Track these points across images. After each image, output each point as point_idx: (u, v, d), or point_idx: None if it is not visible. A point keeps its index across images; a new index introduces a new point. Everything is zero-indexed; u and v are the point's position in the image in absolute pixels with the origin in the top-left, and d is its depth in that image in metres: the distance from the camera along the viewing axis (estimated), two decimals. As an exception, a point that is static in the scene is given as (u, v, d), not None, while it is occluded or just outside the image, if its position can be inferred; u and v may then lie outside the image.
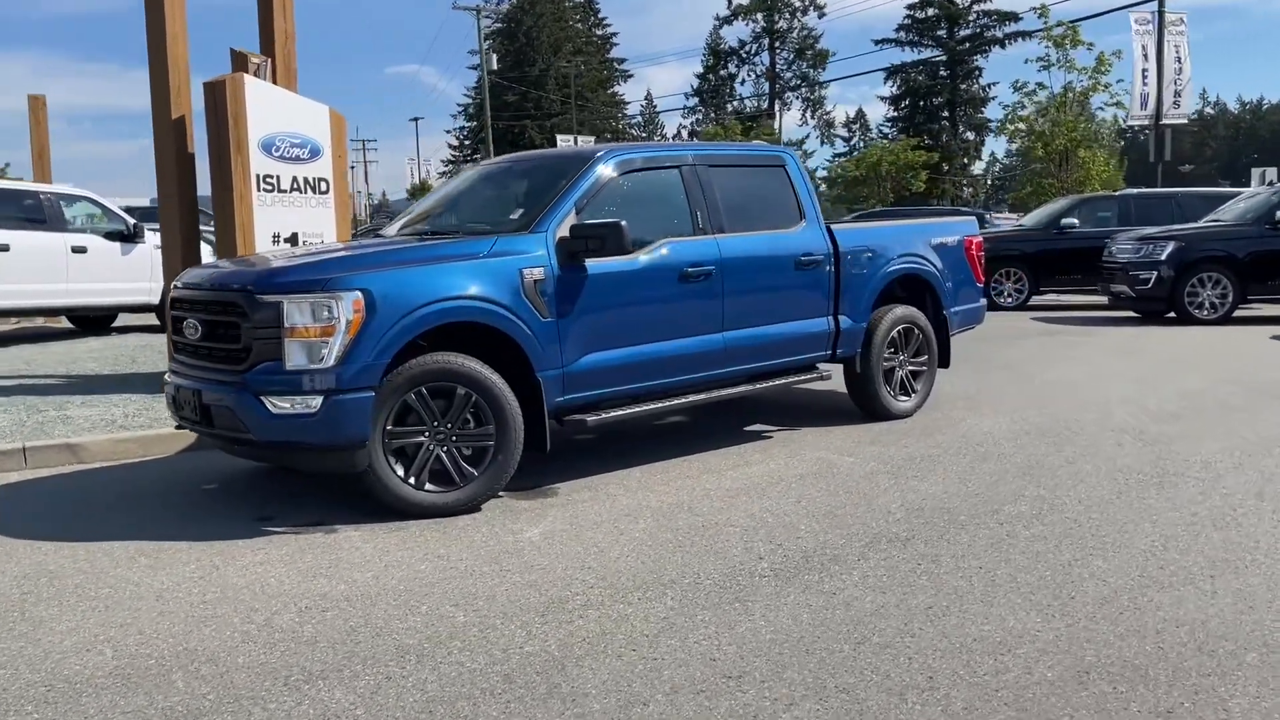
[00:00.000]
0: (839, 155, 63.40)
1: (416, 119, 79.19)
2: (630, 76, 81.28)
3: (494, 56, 53.38)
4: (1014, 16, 59.36)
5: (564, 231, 5.61)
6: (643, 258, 5.95)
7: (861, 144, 66.17)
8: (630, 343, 5.89)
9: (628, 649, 3.52)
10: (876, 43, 65.76)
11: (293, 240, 8.77)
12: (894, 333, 7.36)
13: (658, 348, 6.01)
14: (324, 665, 3.45)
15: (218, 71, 8.54)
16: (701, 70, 70.34)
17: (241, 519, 5.22)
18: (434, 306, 5.12)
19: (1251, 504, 5.09)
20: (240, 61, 9.02)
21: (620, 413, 5.95)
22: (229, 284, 5.24)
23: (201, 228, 9.51)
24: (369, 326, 4.95)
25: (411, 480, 5.15)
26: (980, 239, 8.16)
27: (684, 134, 70.55)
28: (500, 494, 5.57)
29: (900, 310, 7.42)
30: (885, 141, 51.37)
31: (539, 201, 5.87)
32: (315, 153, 9.07)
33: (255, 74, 8.98)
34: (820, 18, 67.18)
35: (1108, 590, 3.97)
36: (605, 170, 5.98)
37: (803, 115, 69.02)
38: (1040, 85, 25.50)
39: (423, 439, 5.17)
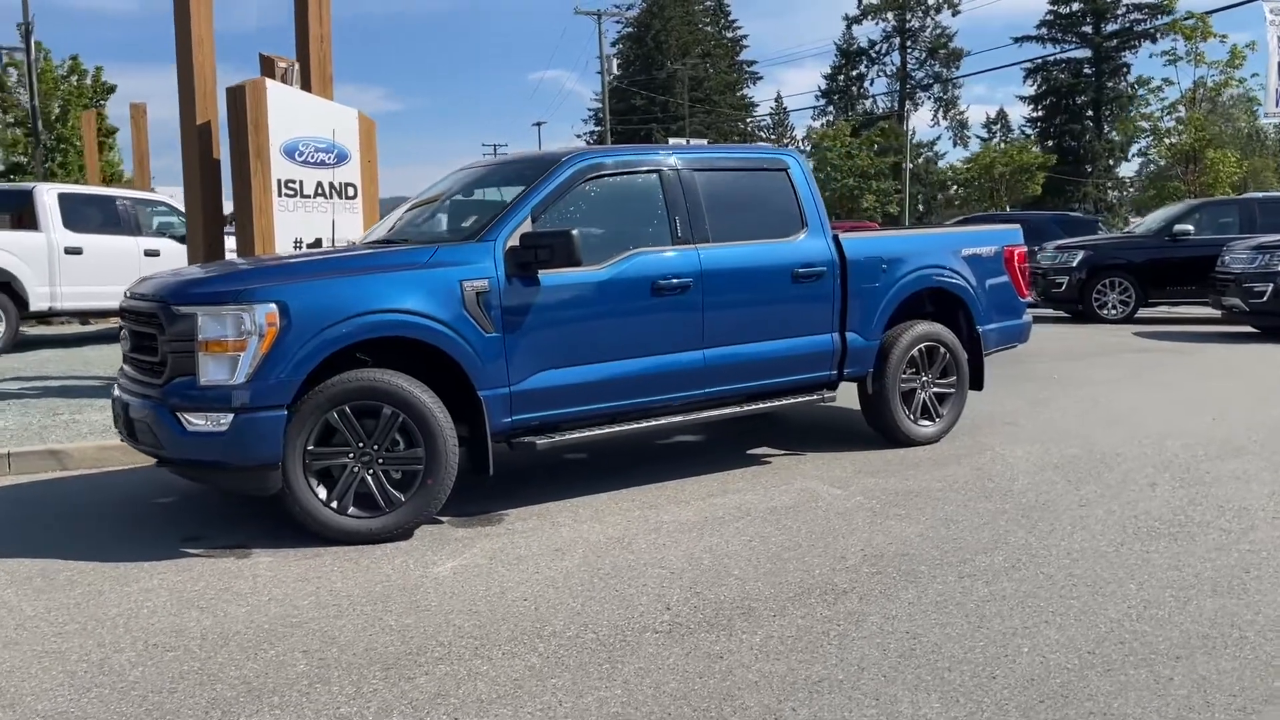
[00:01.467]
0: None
1: (539, 123, 79.65)
2: (760, 79, 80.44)
3: (613, 61, 53.35)
4: (1166, 9, 56.26)
5: (515, 241, 5.24)
6: (606, 269, 5.53)
7: (1002, 146, 63.83)
8: (592, 360, 5.48)
9: (447, 716, 3.12)
10: (1016, 40, 63.30)
11: (315, 245, 8.67)
12: (914, 351, 6.74)
13: (624, 366, 5.57)
14: (120, 718, 3.16)
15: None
16: (829, 71, 68.97)
17: (169, 538, 5.02)
18: (357, 320, 4.82)
19: (1273, 565, 4.34)
20: (268, 66, 8.97)
21: (577, 435, 5.53)
22: (151, 295, 5.05)
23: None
24: (283, 340, 4.68)
25: (334, 504, 4.85)
26: (1024, 249, 7.43)
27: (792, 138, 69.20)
28: (442, 519, 5.26)
29: (922, 327, 6.79)
30: (1003, 144, 49.25)
31: (496, 208, 5.51)
32: (342, 157, 8.95)
33: (282, 79, 8.91)
34: (954, 15, 64.97)
35: (1040, 670, 3.37)
36: (570, 176, 5.57)
37: (934, 116, 66.87)
38: (1167, 81, 23.84)
39: (347, 461, 4.88)
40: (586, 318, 5.46)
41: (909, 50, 66.66)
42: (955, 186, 46.45)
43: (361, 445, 4.88)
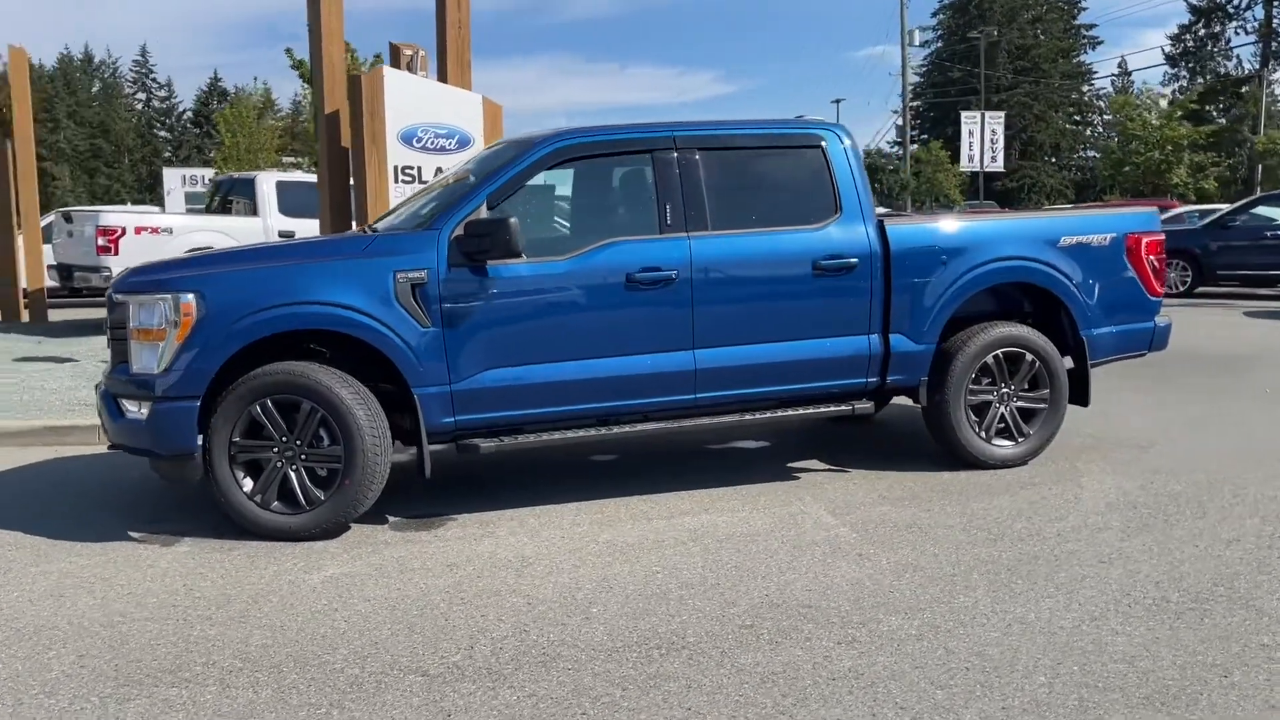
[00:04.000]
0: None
1: (838, 100, 77.20)
2: (1099, 43, 73.72)
3: (916, 33, 50.76)
4: None
5: (461, 230, 4.91)
6: (570, 259, 5.08)
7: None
8: (552, 359, 5.05)
9: (97, 749, 2.91)
10: None
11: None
12: (989, 358, 5.72)
13: (593, 366, 5.10)
14: None
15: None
16: (1176, 31, 62.10)
17: (126, 522, 5.08)
18: (274, 311, 4.69)
19: None
20: (395, 54, 9.14)
21: (533, 440, 5.12)
22: (112, 284, 5.17)
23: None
24: (199, 330, 4.64)
25: (258, 498, 4.77)
26: (1157, 238, 6.11)
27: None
28: (390, 518, 5.06)
29: (1001, 330, 5.75)
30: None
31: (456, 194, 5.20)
32: (464, 143, 8.95)
33: (407, 66, 9.04)
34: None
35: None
36: (538, 159, 5.15)
37: (1305, 77, 58.37)
38: None
39: (270, 455, 4.78)
40: (545, 312, 5.04)
41: (1275, 3, 58.62)
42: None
43: (285, 440, 4.77)
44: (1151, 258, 6.06)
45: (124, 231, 12.00)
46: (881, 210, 7.50)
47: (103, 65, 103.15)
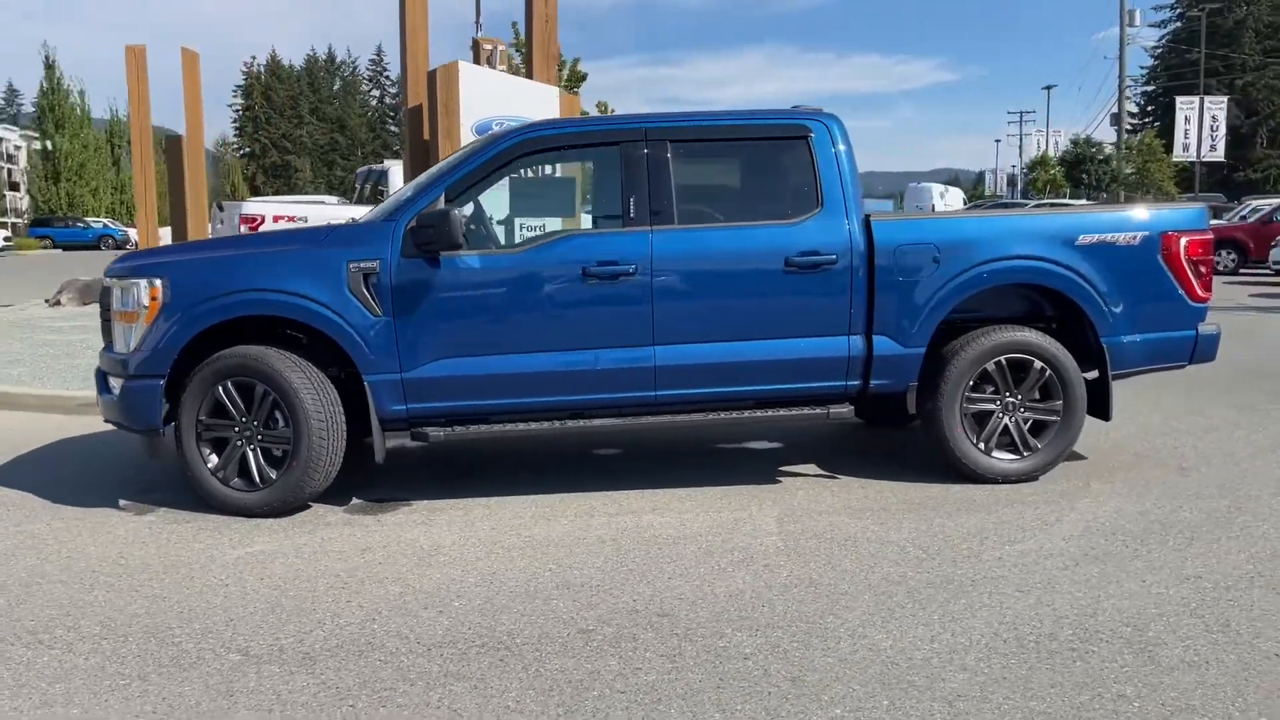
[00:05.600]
0: None
1: (1049, 87, 73.00)
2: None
3: (1137, 13, 47.28)
4: None
5: (414, 222, 4.99)
6: (523, 252, 5.08)
7: None
8: (505, 351, 5.05)
9: (-89, 697, 3.16)
10: None
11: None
12: (990, 365, 5.33)
13: (546, 360, 5.07)
14: None
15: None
16: None
17: (121, 491, 5.41)
18: (231, 298, 4.92)
19: None
20: (476, 49, 9.36)
21: (479, 429, 5.14)
22: (105, 269, 5.54)
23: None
24: (163, 314, 4.93)
25: (220, 474, 5.03)
26: (1201, 238, 5.49)
27: None
28: (354, 500, 5.24)
29: (1005, 335, 5.33)
30: None
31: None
32: (540, 134, 9.04)
33: (486, 61, 9.24)
34: None
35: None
36: (499, 152, 5.16)
37: None
38: None
39: (232, 434, 5.02)
40: (497, 305, 5.04)
41: None
42: None
43: (244, 420, 5.00)
44: (1194, 259, 5.46)
45: (263, 219, 12.84)
46: (1079, 203, 7.04)
47: (343, 64, 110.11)
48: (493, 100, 8.89)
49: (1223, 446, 6.12)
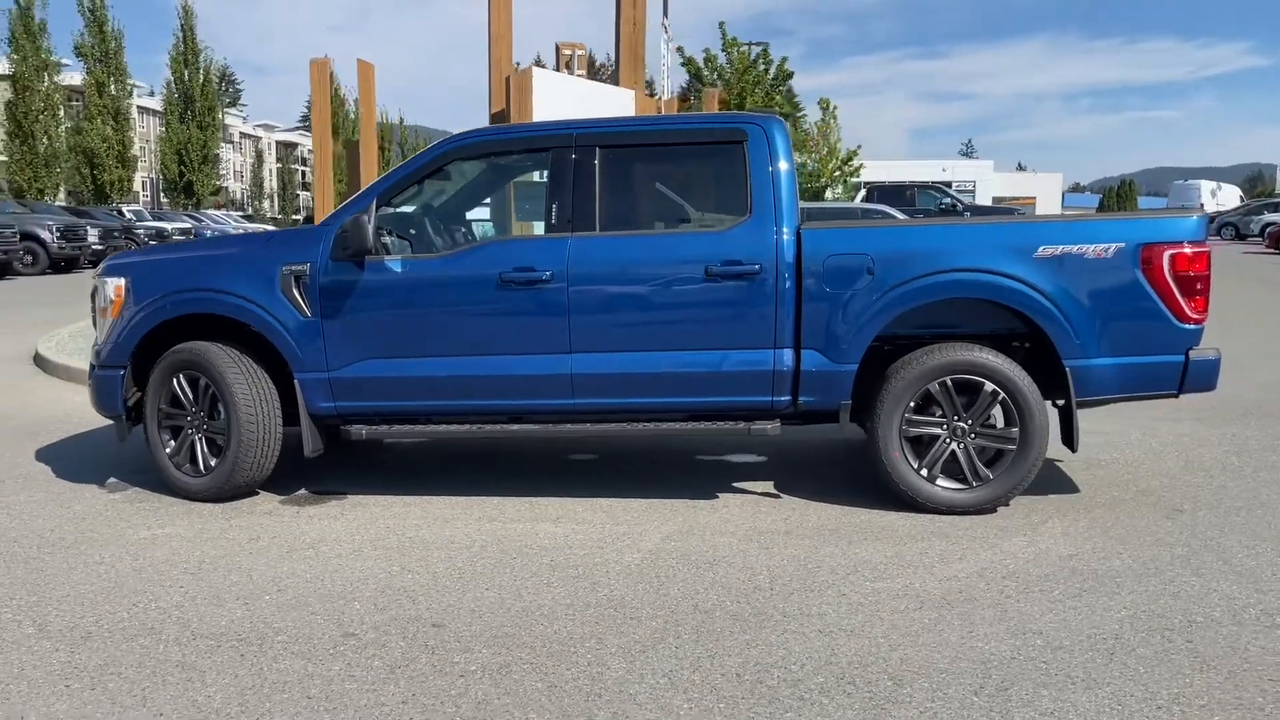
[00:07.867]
0: None
1: None
2: None
3: None
4: None
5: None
6: (441, 258, 5.17)
7: None
8: (422, 354, 5.15)
9: None
10: None
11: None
12: (934, 385, 4.93)
13: (462, 364, 5.13)
14: None
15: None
16: None
17: (115, 471, 5.89)
18: (180, 296, 5.29)
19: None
20: (557, 54, 9.51)
21: (400, 429, 5.27)
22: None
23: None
24: (124, 310, 5.37)
25: (175, 460, 5.42)
26: (1193, 251, 4.83)
27: None
28: (299, 490, 5.51)
29: (951, 354, 4.92)
30: None
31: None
32: (613, 139, 9.11)
33: (566, 66, 9.39)
34: None
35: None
36: (433, 158, 5.27)
37: None
38: None
39: (184, 423, 5.40)
40: (417, 308, 5.14)
41: None
42: None
43: (194, 410, 5.36)
44: (1182, 275, 4.82)
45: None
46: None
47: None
48: (569, 105, 9.01)
49: (1248, 485, 5.36)
